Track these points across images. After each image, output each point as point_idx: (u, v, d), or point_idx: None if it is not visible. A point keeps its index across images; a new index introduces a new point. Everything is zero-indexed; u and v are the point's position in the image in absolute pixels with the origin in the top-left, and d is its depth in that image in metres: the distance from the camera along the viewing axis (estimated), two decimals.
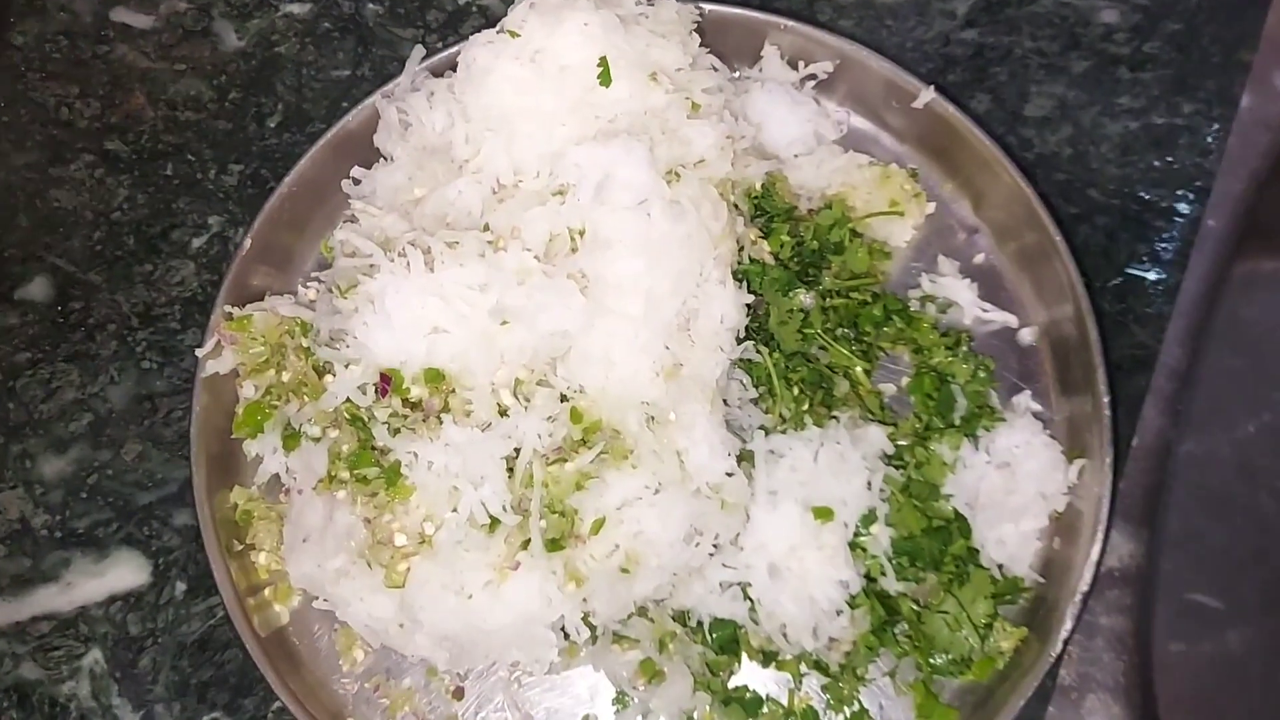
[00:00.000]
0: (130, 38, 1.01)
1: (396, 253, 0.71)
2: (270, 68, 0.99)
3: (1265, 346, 0.84)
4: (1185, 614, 0.77)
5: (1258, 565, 0.79)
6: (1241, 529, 0.80)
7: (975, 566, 0.77)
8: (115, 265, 0.93)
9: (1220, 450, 0.80)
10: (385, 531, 0.69)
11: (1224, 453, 0.80)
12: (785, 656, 0.77)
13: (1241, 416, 0.81)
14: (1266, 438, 0.81)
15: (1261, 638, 0.77)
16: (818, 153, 0.87)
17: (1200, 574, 0.78)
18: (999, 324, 0.85)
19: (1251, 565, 0.79)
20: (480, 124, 0.76)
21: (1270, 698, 0.76)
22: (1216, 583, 0.78)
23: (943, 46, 0.96)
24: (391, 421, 0.70)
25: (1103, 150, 0.92)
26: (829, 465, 0.77)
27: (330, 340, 0.74)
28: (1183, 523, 0.79)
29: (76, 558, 0.84)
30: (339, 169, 0.87)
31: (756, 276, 0.80)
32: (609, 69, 0.76)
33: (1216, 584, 0.78)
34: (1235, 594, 0.78)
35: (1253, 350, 0.84)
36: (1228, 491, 0.80)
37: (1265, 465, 0.80)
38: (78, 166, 0.96)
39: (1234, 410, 0.81)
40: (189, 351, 0.88)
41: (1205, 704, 0.77)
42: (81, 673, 0.82)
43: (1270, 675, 0.76)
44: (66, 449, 0.87)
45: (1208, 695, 0.76)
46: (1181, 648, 0.77)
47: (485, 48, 0.77)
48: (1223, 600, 0.77)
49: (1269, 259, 0.86)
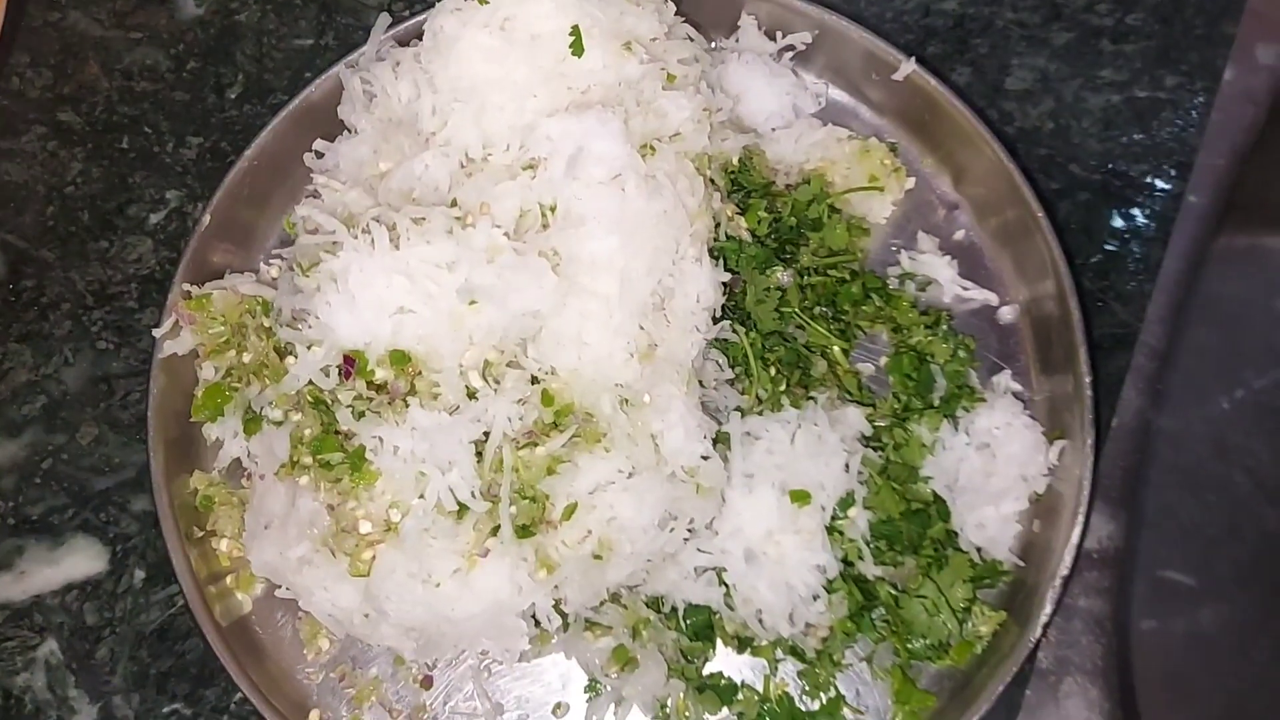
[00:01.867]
0: (83, 4, 0.98)
1: (360, 229, 0.68)
2: (230, 36, 0.96)
3: (1241, 322, 0.83)
4: (1159, 591, 0.77)
5: (1231, 542, 0.79)
6: (1215, 506, 0.79)
7: (954, 550, 0.77)
8: (69, 242, 0.90)
9: (1195, 427, 0.80)
10: (349, 519, 0.67)
11: (1198, 429, 0.80)
12: (761, 642, 0.76)
13: (1216, 393, 0.80)
14: (1240, 414, 0.80)
15: (1235, 613, 0.77)
16: (796, 126, 0.86)
17: (1174, 551, 0.78)
18: (979, 302, 0.84)
19: (1225, 542, 0.79)
20: (448, 95, 0.73)
21: (1242, 673, 0.76)
22: (1190, 560, 0.78)
23: (923, 17, 0.94)
24: (356, 405, 0.67)
25: (1084, 124, 0.91)
26: (806, 447, 0.75)
27: (292, 320, 0.71)
28: (1157, 500, 0.79)
29: (31, 545, 0.82)
30: (301, 141, 0.84)
31: (733, 254, 0.79)
32: (581, 38, 0.73)
33: (1190, 561, 0.77)
34: (1208, 571, 0.78)
35: (1229, 326, 0.83)
36: (1202, 468, 0.79)
37: (1239, 442, 0.80)
38: (29, 139, 0.93)
39: (1209, 387, 0.81)
40: (147, 331, 0.86)
41: (1178, 680, 0.76)
42: (37, 664, 0.79)
43: (1243, 650, 0.76)
44: (19, 433, 0.85)
45: (1181, 672, 0.76)
46: (1154, 625, 0.76)
47: (453, 15, 0.74)
48: (1196, 577, 0.77)
49: (1245, 234, 0.85)
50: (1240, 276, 0.85)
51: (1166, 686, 0.76)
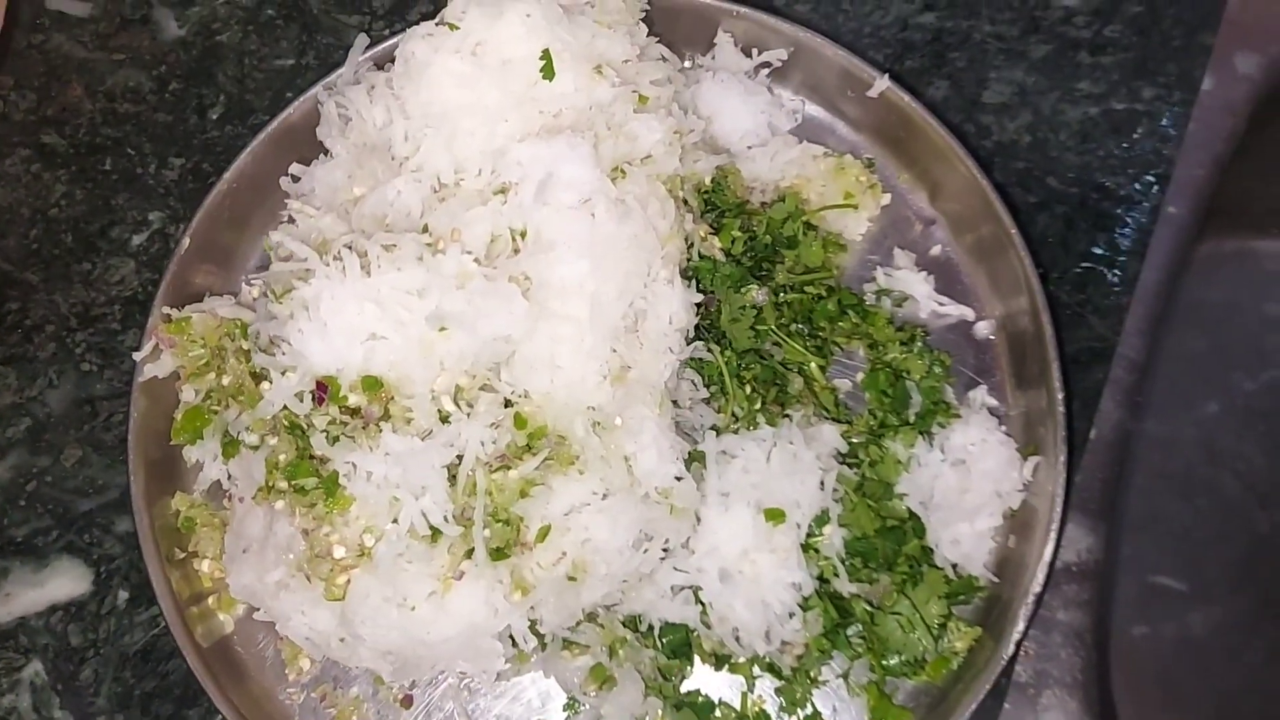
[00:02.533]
0: (67, 26, 0.98)
1: (332, 256, 0.69)
2: (212, 57, 0.96)
3: (1227, 327, 0.84)
4: (1148, 596, 0.77)
5: (1222, 545, 0.79)
6: (1205, 510, 0.79)
7: (929, 566, 0.77)
8: (53, 264, 0.90)
9: (1183, 432, 0.80)
10: (324, 544, 0.67)
11: (1187, 434, 0.80)
12: (738, 660, 0.76)
13: (1204, 398, 0.81)
14: (1229, 418, 0.80)
15: (1226, 617, 0.77)
16: (771, 144, 0.86)
17: (1164, 556, 0.78)
18: (955, 317, 0.84)
19: (1215, 546, 0.79)
20: (420, 120, 0.74)
21: (1234, 676, 0.76)
22: (1180, 564, 0.78)
23: (900, 31, 0.94)
24: (330, 430, 0.68)
25: (1062, 137, 0.91)
26: (781, 465, 0.76)
27: (269, 345, 0.72)
28: (1146, 506, 0.79)
29: (15, 567, 0.83)
30: (281, 163, 0.85)
31: (707, 273, 0.79)
32: (552, 62, 0.74)
33: (1180, 566, 0.78)
34: (1198, 575, 0.78)
35: (1214, 331, 0.83)
36: (1192, 473, 0.80)
37: (1228, 446, 0.80)
38: (13, 161, 0.94)
39: (1196, 391, 0.81)
40: (130, 353, 0.86)
41: (1166, 685, 0.77)
42: (22, 685, 0.80)
43: (1234, 653, 0.76)
44: (4, 455, 0.85)
45: (1169, 677, 0.77)
46: (1145, 630, 0.77)
47: (424, 40, 0.75)
48: (1187, 582, 0.77)
49: (1232, 238, 0.85)
50: (1227, 281, 0.85)
51: (1158, 690, 0.76)
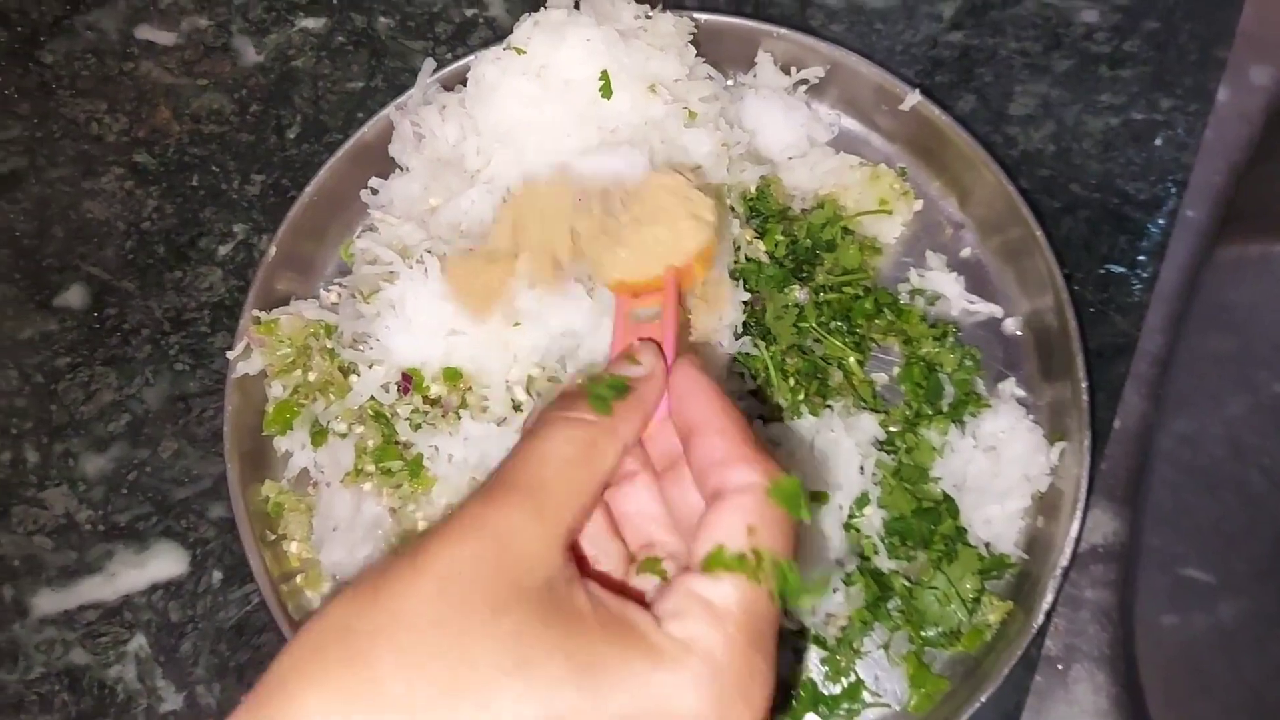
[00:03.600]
0: (154, 54, 1.06)
1: (415, 260, 0.76)
2: (288, 81, 1.03)
3: (1252, 328, 0.88)
4: (1178, 588, 0.82)
5: (1249, 539, 0.83)
6: (1232, 505, 0.84)
7: (963, 545, 0.82)
8: (147, 273, 0.98)
9: (1211, 429, 0.85)
10: (410, 520, 0.74)
11: (1214, 431, 0.85)
12: (785, 632, 0.81)
13: (1230, 396, 0.85)
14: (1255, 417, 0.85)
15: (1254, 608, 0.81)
16: (810, 155, 0.91)
17: (1193, 549, 0.83)
18: (985, 315, 0.90)
19: (1243, 539, 0.83)
20: (490, 137, 0.80)
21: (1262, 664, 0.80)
22: (1209, 557, 0.82)
23: (930, 49, 1.00)
24: (413, 418, 0.75)
25: (1084, 146, 0.96)
26: (824, 451, 0.81)
27: (353, 342, 0.79)
28: (1173, 500, 0.84)
29: (119, 549, 0.90)
30: (355, 178, 0.91)
31: (753, 274, 0.84)
32: (610, 82, 0.80)
33: (1209, 559, 0.82)
34: (1226, 567, 0.82)
35: (1240, 332, 0.88)
36: (1217, 469, 0.84)
37: (1254, 443, 0.84)
38: (109, 179, 1.01)
39: (1222, 390, 0.86)
40: (219, 354, 0.93)
41: (1196, 673, 0.81)
42: (127, 657, 0.87)
43: (1262, 643, 0.80)
44: (107, 448, 0.92)
45: (1199, 665, 0.81)
46: (1175, 620, 0.81)
47: (493, 64, 0.81)
48: (1215, 574, 0.82)
49: (1254, 242, 0.90)
50: (1251, 284, 0.89)
51: (1188, 678, 0.81)
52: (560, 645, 0.41)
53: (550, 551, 0.44)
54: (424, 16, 1.04)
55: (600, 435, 0.48)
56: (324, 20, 1.05)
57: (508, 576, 0.42)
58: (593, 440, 0.47)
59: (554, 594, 0.43)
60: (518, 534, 0.43)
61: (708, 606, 0.43)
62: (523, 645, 0.40)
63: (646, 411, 0.51)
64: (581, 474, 0.46)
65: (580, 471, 0.46)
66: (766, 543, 0.45)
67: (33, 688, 0.86)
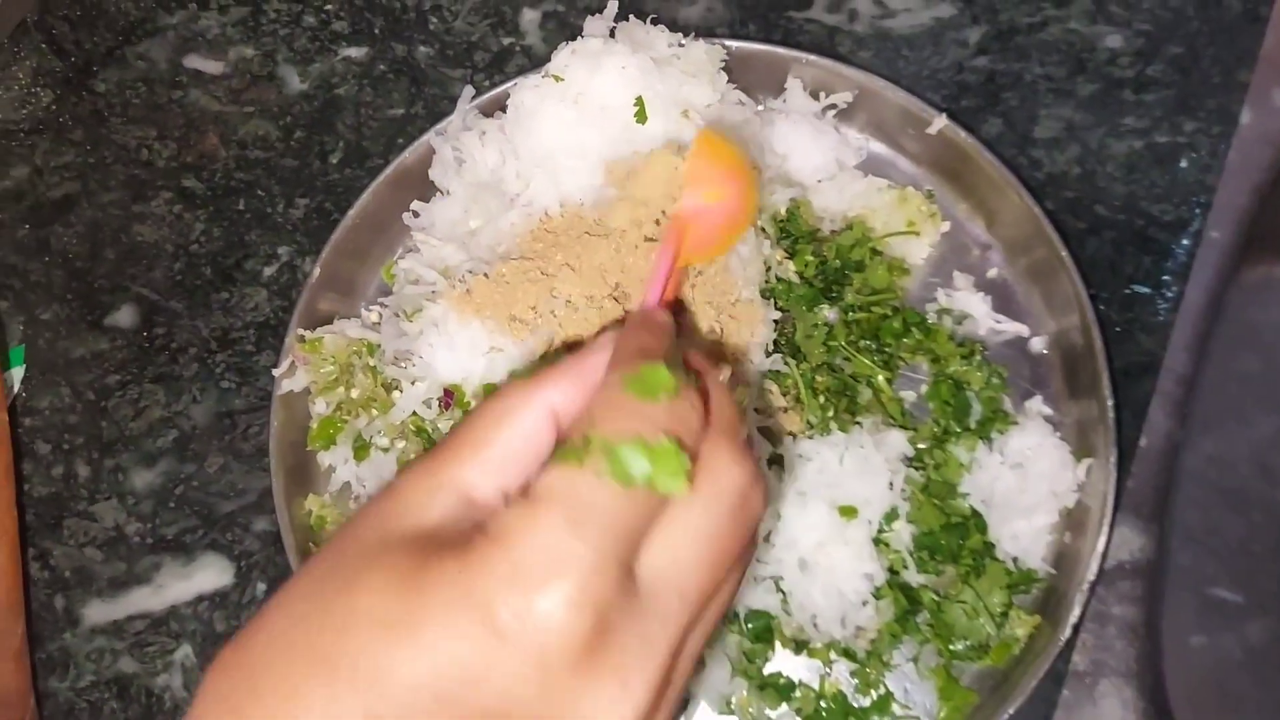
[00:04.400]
0: (202, 83, 1.09)
1: (457, 279, 0.78)
2: (331, 108, 1.07)
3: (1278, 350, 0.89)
4: (1206, 607, 0.82)
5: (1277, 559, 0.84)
6: (1261, 525, 0.84)
7: (991, 559, 0.83)
8: (195, 293, 1.01)
9: (1239, 449, 0.85)
10: None
11: (1242, 451, 0.85)
12: (816, 645, 0.83)
13: (1258, 417, 0.86)
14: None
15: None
16: (839, 178, 0.93)
17: (1221, 569, 0.83)
18: (1011, 334, 0.91)
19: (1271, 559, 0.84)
20: (529, 161, 0.83)
21: None
22: (1237, 577, 0.83)
23: (956, 74, 1.02)
24: None
25: (1109, 168, 0.98)
26: (854, 467, 0.83)
27: (395, 360, 0.82)
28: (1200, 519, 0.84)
29: (166, 561, 0.92)
30: (396, 201, 0.94)
31: (783, 294, 0.86)
32: (644, 108, 0.82)
33: (1237, 578, 0.82)
34: (1256, 587, 0.83)
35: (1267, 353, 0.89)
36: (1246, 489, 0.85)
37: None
38: (158, 203, 1.05)
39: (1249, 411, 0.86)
40: (264, 372, 0.96)
41: (1225, 694, 0.81)
42: (174, 666, 0.89)
43: None
44: (155, 462, 0.95)
45: (1228, 685, 0.81)
46: (1203, 640, 0.82)
47: (532, 91, 0.84)
48: (1243, 594, 0.82)
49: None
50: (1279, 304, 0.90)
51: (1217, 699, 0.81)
52: (398, 568, 0.40)
53: (436, 499, 0.43)
54: (462, 45, 1.07)
55: (517, 395, 0.47)
56: (366, 50, 1.08)
57: (383, 524, 0.42)
58: (506, 400, 0.46)
59: (427, 531, 0.41)
60: (404, 487, 0.44)
61: (532, 497, 0.40)
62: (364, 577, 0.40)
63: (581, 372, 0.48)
64: (486, 431, 0.45)
65: (486, 430, 0.45)
66: (604, 427, 0.42)
67: (83, 695, 0.89)
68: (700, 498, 0.45)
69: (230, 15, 1.11)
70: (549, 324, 0.76)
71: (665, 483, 0.42)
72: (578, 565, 0.38)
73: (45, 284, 1.02)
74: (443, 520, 0.42)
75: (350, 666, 0.38)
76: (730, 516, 0.46)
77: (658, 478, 0.42)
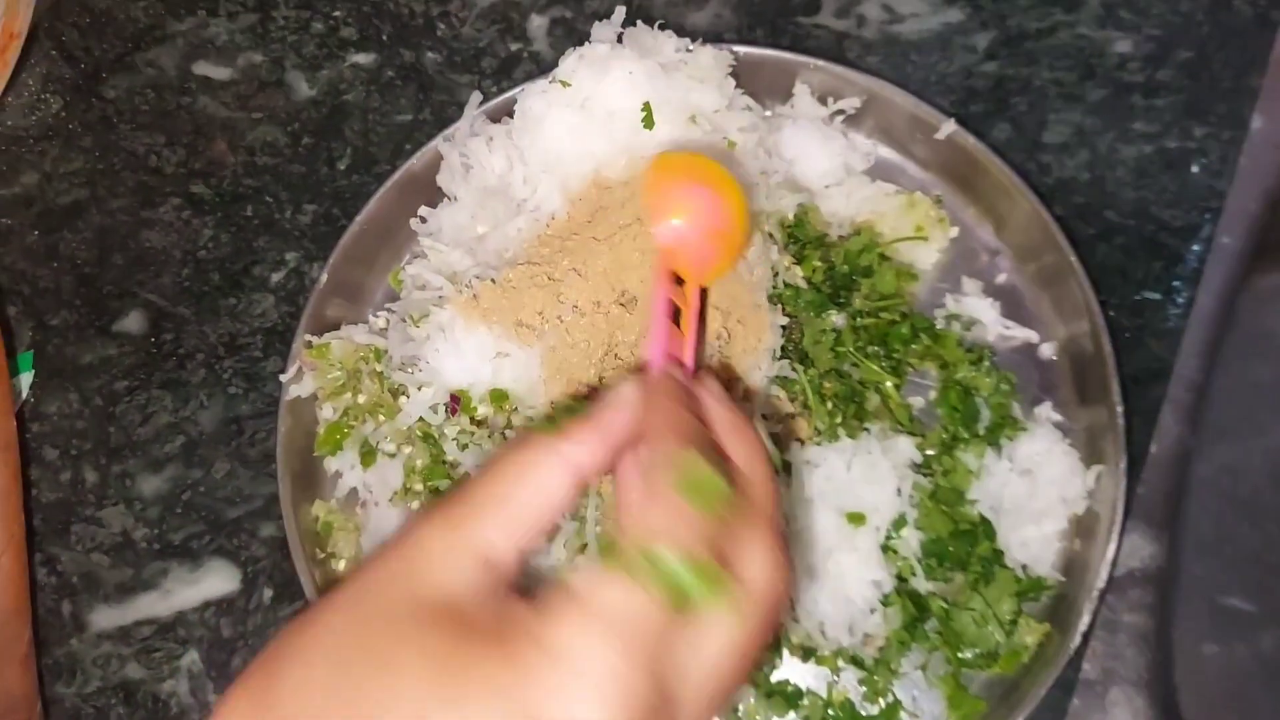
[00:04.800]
0: (211, 89, 1.10)
1: (464, 285, 0.78)
2: (339, 114, 1.07)
3: None
4: (1219, 617, 0.82)
5: None
6: (1273, 534, 0.84)
7: (1000, 567, 0.82)
8: (203, 299, 1.01)
9: (1251, 458, 0.85)
10: None
11: (1255, 460, 0.85)
12: (824, 652, 0.82)
13: (1271, 425, 0.85)
14: None
15: None
16: (847, 183, 0.93)
17: (1234, 578, 0.83)
18: (1020, 340, 0.91)
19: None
20: (536, 166, 0.83)
21: None
22: (1250, 587, 0.82)
23: (965, 79, 1.02)
24: (460, 438, 0.77)
25: (1118, 174, 0.97)
26: (862, 474, 0.82)
27: (402, 365, 0.81)
28: (1215, 527, 0.84)
29: (173, 567, 0.92)
30: (403, 207, 0.94)
31: (791, 300, 0.86)
32: (652, 113, 0.82)
33: (1250, 588, 0.82)
34: (1268, 596, 0.82)
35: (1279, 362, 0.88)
36: (1259, 498, 0.84)
37: None
38: (166, 209, 1.05)
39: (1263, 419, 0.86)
40: (271, 378, 0.96)
41: (1238, 704, 0.81)
42: (180, 672, 0.89)
43: None
44: (162, 468, 0.95)
45: (1241, 695, 0.81)
46: (1215, 649, 0.81)
47: (540, 97, 0.84)
48: (1257, 604, 0.82)
49: None
50: None
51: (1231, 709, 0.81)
52: (435, 653, 0.40)
53: (458, 562, 0.43)
54: (469, 51, 1.08)
55: (538, 451, 0.47)
56: (374, 56, 1.09)
57: (407, 586, 0.42)
58: (528, 455, 0.46)
59: (454, 605, 0.41)
60: (424, 543, 0.43)
61: (579, 605, 0.40)
62: (399, 654, 0.39)
63: (604, 430, 0.49)
64: (507, 488, 0.45)
65: (507, 486, 0.45)
66: (655, 537, 0.42)
67: (90, 701, 0.89)
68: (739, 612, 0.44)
69: (239, 22, 1.12)
70: (556, 330, 0.76)
71: (711, 603, 0.42)
72: (625, 686, 0.39)
73: (54, 290, 1.03)
74: (466, 589, 0.42)
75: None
76: (764, 621, 0.46)
77: (704, 597, 0.42)
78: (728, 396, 0.57)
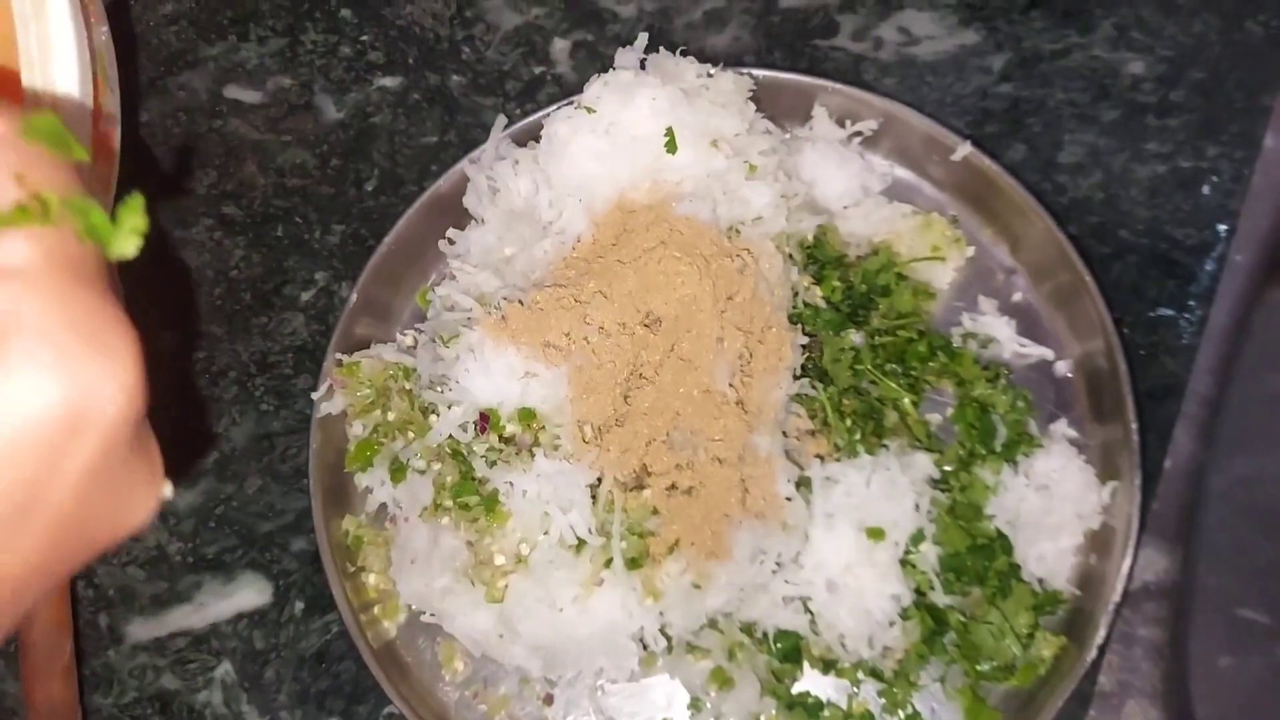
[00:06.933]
0: (241, 112, 1.12)
1: (492, 306, 0.80)
2: (366, 137, 1.09)
3: None
4: (1234, 629, 0.83)
5: None
6: None
7: (1017, 581, 0.84)
8: (234, 318, 1.03)
9: (1267, 471, 0.86)
10: (486, 553, 0.78)
11: (1270, 473, 0.86)
12: (844, 664, 0.84)
13: None
14: None
15: None
16: (865, 204, 0.95)
17: (1250, 590, 0.84)
18: (1036, 357, 0.92)
19: None
20: (562, 190, 0.85)
21: None
22: (1266, 599, 0.83)
23: (980, 100, 1.03)
24: (489, 455, 0.79)
25: (1132, 193, 0.99)
26: (880, 490, 0.84)
27: (431, 384, 0.84)
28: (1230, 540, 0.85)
29: (207, 580, 0.95)
30: (430, 228, 0.96)
31: (811, 319, 0.88)
32: (675, 138, 0.84)
33: (1266, 600, 0.83)
34: None
35: None
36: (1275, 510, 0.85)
37: None
38: (198, 230, 1.07)
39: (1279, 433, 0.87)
40: (301, 395, 0.99)
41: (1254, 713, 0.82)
42: (214, 683, 0.92)
43: None
44: (196, 483, 0.98)
45: (1257, 706, 0.82)
46: (1231, 661, 0.82)
47: (566, 122, 0.86)
48: (1271, 615, 0.83)
49: None
50: None
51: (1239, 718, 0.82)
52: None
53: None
54: (494, 74, 1.10)
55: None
56: (400, 79, 1.11)
57: None
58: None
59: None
60: None
61: (3, 273, 0.37)
62: None
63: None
64: None
65: None
66: (45, 185, 0.40)
67: (126, 711, 0.91)
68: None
69: (269, 46, 1.14)
70: (582, 350, 0.78)
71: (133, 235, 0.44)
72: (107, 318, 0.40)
73: None
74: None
75: None
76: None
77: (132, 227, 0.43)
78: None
